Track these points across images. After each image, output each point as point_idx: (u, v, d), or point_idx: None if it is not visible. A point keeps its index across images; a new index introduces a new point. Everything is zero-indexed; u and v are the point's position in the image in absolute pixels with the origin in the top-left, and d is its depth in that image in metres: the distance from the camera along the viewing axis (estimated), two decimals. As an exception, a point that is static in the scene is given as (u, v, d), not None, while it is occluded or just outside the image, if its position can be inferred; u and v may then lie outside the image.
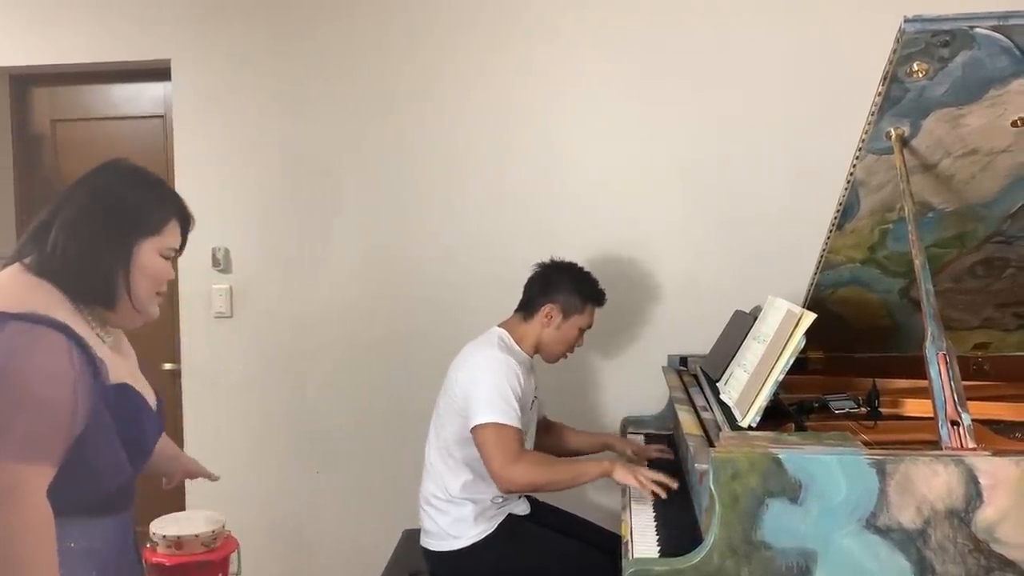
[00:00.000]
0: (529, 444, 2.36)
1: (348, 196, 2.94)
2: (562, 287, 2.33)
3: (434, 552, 2.25)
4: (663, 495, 1.96)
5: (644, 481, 1.98)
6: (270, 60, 2.95)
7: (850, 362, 2.35)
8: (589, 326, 2.40)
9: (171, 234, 1.42)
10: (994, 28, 1.51)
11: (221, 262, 2.99)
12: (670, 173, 2.78)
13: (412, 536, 2.44)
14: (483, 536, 2.21)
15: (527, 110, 2.84)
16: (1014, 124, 1.71)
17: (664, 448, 2.45)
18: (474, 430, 2.12)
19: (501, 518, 2.24)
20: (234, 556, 2.45)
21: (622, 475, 2.03)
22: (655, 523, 1.88)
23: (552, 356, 2.39)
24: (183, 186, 2.96)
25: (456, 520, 2.22)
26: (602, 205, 2.82)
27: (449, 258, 2.90)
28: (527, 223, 2.84)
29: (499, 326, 2.36)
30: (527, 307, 2.36)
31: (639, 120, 2.79)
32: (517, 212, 2.86)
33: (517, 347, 2.31)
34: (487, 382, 2.14)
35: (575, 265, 2.40)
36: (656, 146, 2.78)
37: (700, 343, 2.57)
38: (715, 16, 2.73)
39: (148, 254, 1.38)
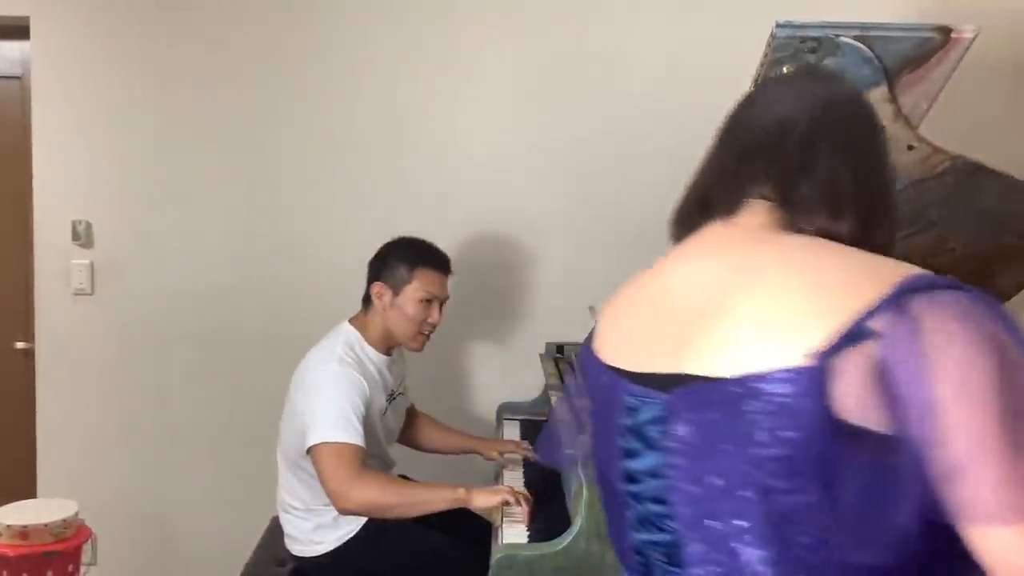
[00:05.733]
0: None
1: (221, 171, 2.82)
2: (386, 262, 2.20)
3: (300, 557, 2.16)
4: (522, 506, 1.89)
5: (498, 502, 1.91)
6: (140, 22, 2.78)
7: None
8: (434, 296, 2.19)
9: None
10: (856, 38, 1.59)
11: (82, 236, 2.81)
12: (555, 163, 2.80)
13: (280, 524, 2.37)
14: (348, 538, 2.11)
15: (412, 92, 2.79)
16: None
17: (528, 446, 2.35)
18: (310, 449, 2.00)
19: (365, 518, 2.10)
20: (87, 546, 2.34)
21: (482, 500, 1.94)
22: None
23: (406, 340, 2.22)
24: (41, 155, 2.78)
25: (318, 526, 2.11)
26: (484, 193, 2.80)
27: (324, 242, 2.82)
28: (409, 208, 2.79)
29: (350, 321, 2.23)
30: (365, 296, 2.24)
31: (525, 108, 2.79)
32: (398, 196, 2.81)
33: (369, 349, 2.18)
34: (324, 399, 2.02)
35: (404, 237, 2.25)
36: (542, 136, 2.78)
37: (577, 331, 2.61)
38: (600, 7, 2.76)
39: None
